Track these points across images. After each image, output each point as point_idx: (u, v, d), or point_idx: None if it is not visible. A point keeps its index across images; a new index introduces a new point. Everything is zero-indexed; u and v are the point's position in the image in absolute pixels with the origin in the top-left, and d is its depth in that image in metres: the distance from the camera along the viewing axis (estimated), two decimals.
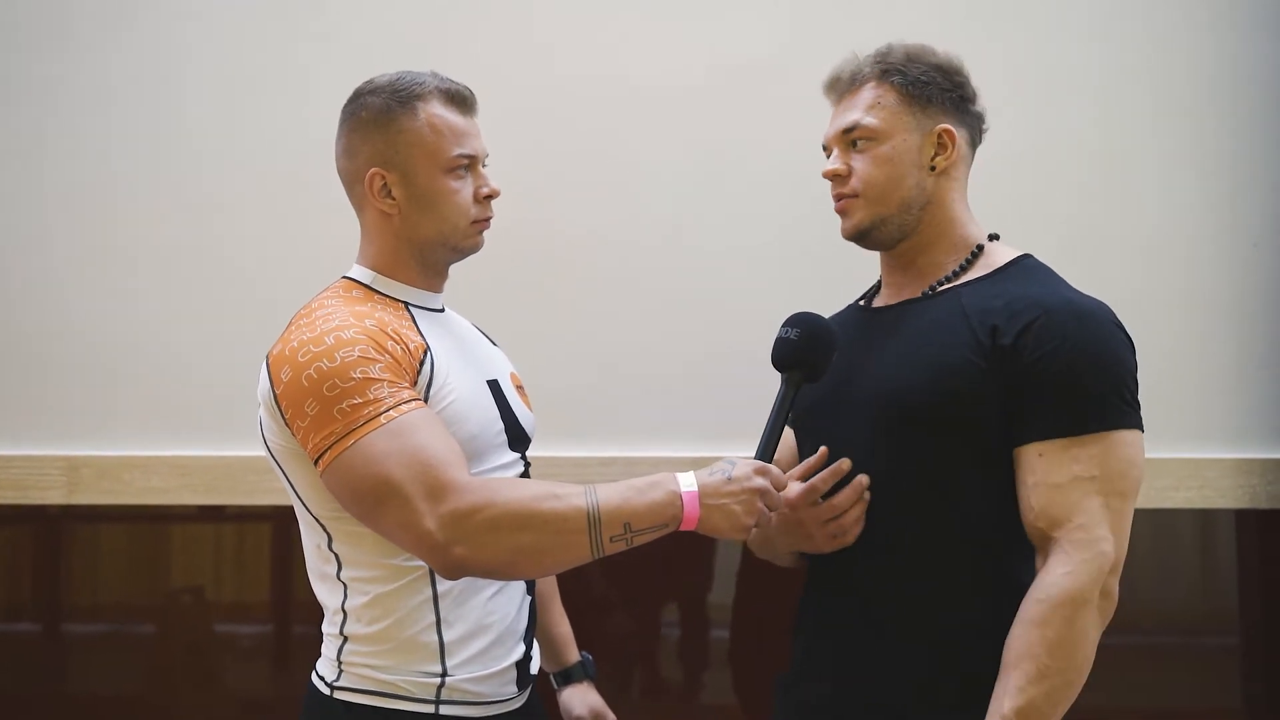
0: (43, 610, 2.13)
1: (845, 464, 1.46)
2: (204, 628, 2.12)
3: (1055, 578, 1.34)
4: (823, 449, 1.48)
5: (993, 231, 1.58)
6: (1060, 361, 1.37)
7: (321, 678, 1.46)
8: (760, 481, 1.35)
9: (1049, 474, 1.36)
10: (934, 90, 1.52)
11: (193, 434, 2.07)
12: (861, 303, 1.67)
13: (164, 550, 2.13)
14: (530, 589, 1.54)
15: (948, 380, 1.41)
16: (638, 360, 2.11)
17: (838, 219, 1.62)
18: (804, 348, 1.44)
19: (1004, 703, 1.33)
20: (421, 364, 1.40)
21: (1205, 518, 2.13)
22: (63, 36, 2.11)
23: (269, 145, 2.10)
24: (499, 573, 1.37)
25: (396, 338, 1.39)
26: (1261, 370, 2.14)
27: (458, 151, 1.47)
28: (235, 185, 2.10)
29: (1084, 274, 1.54)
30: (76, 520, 2.11)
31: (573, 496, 1.31)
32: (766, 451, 1.40)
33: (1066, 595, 1.33)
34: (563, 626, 1.78)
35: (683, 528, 1.34)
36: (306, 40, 2.11)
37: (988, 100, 1.59)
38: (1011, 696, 1.32)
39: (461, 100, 1.51)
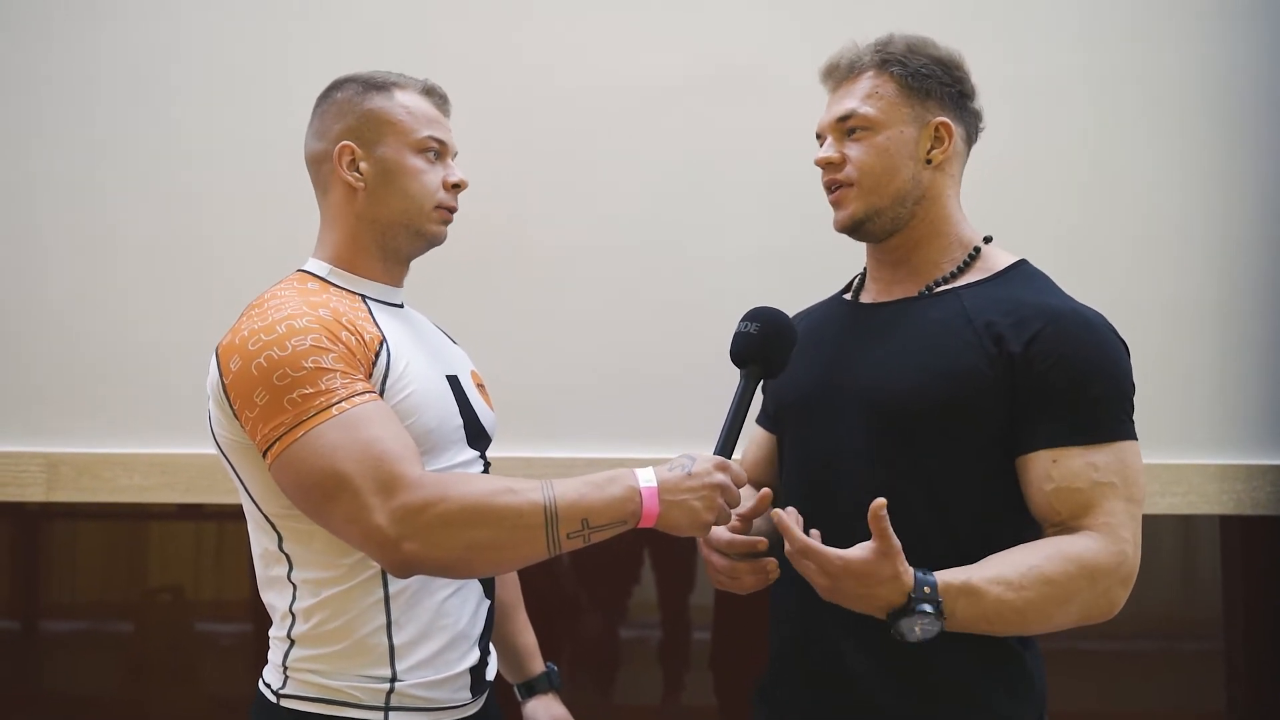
0: (21, 608, 2.12)
1: (763, 543, 1.45)
2: (183, 626, 2.12)
3: (1083, 541, 1.33)
4: (766, 491, 1.46)
5: (986, 234, 1.56)
6: (1073, 370, 1.36)
7: (268, 685, 1.42)
8: (720, 477, 1.33)
9: (1068, 479, 1.35)
10: (933, 83, 1.49)
11: (173, 432, 2.07)
12: (847, 296, 1.64)
13: (143, 548, 2.13)
14: (489, 593, 1.50)
15: (951, 385, 1.39)
16: (620, 361, 2.11)
17: (819, 220, 1.60)
18: (763, 343, 1.42)
19: (966, 572, 1.31)
20: (377, 356, 1.37)
21: (1189, 523, 2.12)
22: (48, 32, 2.11)
23: (255, 143, 2.11)
24: (452, 570, 1.33)
25: (351, 328, 1.36)
26: (1246, 376, 2.13)
27: (428, 133, 1.48)
28: (219, 183, 2.11)
29: (1071, 278, 1.52)
30: (56, 517, 2.11)
31: (529, 491, 1.28)
32: (726, 447, 1.38)
33: (1083, 559, 1.32)
34: (527, 636, 1.74)
35: (641, 524, 1.31)
36: (291, 39, 2.12)
37: (977, 104, 1.58)
38: (974, 571, 1.31)
39: (436, 95, 1.54)
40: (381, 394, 1.36)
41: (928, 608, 1.27)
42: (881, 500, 1.28)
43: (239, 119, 2.11)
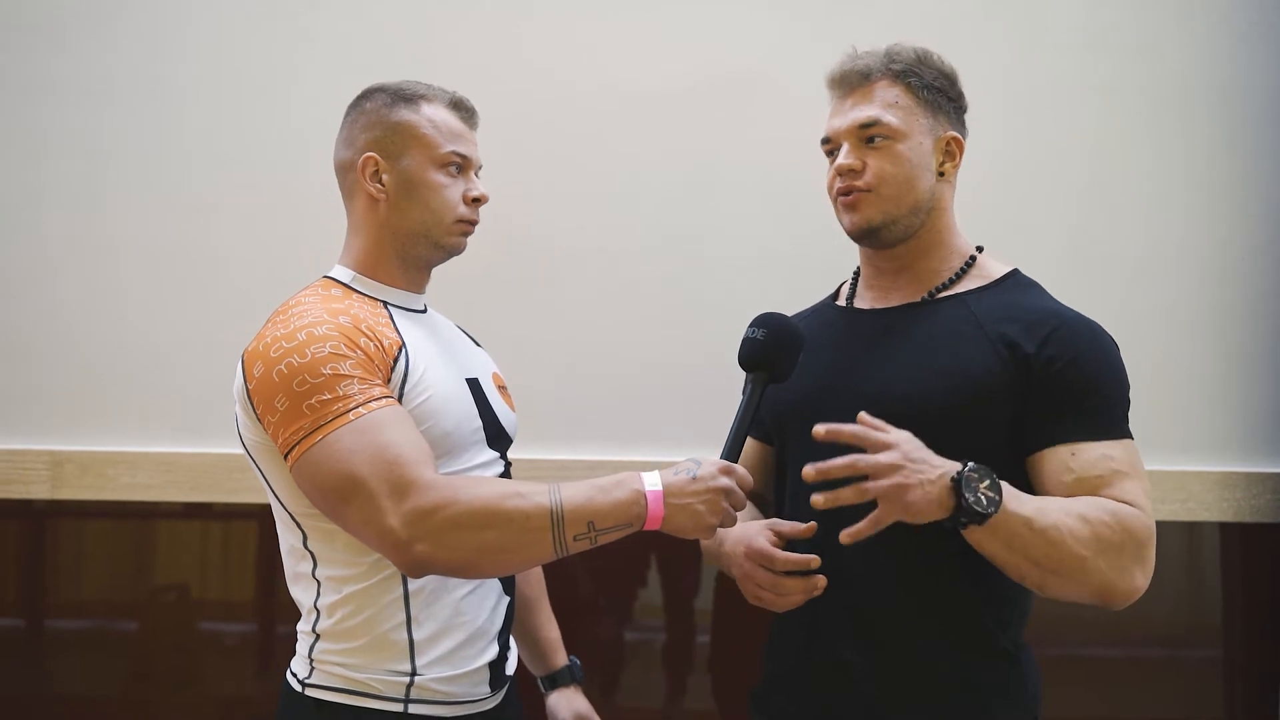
0: (25, 606, 2.13)
1: (815, 561, 1.42)
2: (188, 625, 2.13)
3: (1116, 502, 1.36)
4: (812, 524, 1.43)
5: (984, 240, 1.58)
6: (1085, 370, 1.40)
7: (295, 675, 1.47)
8: (725, 481, 1.35)
9: (1087, 468, 1.38)
10: (942, 98, 1.52)
11: (178, 430, 2.08)
12: (840, 303, 1.65)
13: (148, 547, 2.13)
14: (508, 590, 1.54)
15: (969, 387, 1.42)
16: (624, 364, 2.11)
17: (822, 224, 1.60)
18: (771, 348, 1.43)
19: (1024, 501, 1.32)
20: (395, 361, 1.41)
21: (1189, 530, 2.13)
22: (55, 35, 2.12)
23: (259, 145, 2.11)
24: (461, 571, 1.37)
25: (370, 334, 1.40)
26: (1246, 384, 2.14)
27: (451, 148, 1.51)
28: (225, 184, 2.11)
29: (1071, 286, 1.54)
30: (60, 516, 2.12)
31: (536, 495, 1.31)
32: (733, 451, 1.39)
33: (1119, 512, 1.35)
34: (551, 630, 1.77)
35: (647, 527, 1.34)
36: (297, 44, 2.12)
37: (978, 111, 1.59)
38: (1030, 503, 1.32)
39: (464, 109, 1.56)
40: (400, 398, 1.40)
41: (978, 470, 1.29)
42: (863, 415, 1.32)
43: (244, 122, 2.12)
